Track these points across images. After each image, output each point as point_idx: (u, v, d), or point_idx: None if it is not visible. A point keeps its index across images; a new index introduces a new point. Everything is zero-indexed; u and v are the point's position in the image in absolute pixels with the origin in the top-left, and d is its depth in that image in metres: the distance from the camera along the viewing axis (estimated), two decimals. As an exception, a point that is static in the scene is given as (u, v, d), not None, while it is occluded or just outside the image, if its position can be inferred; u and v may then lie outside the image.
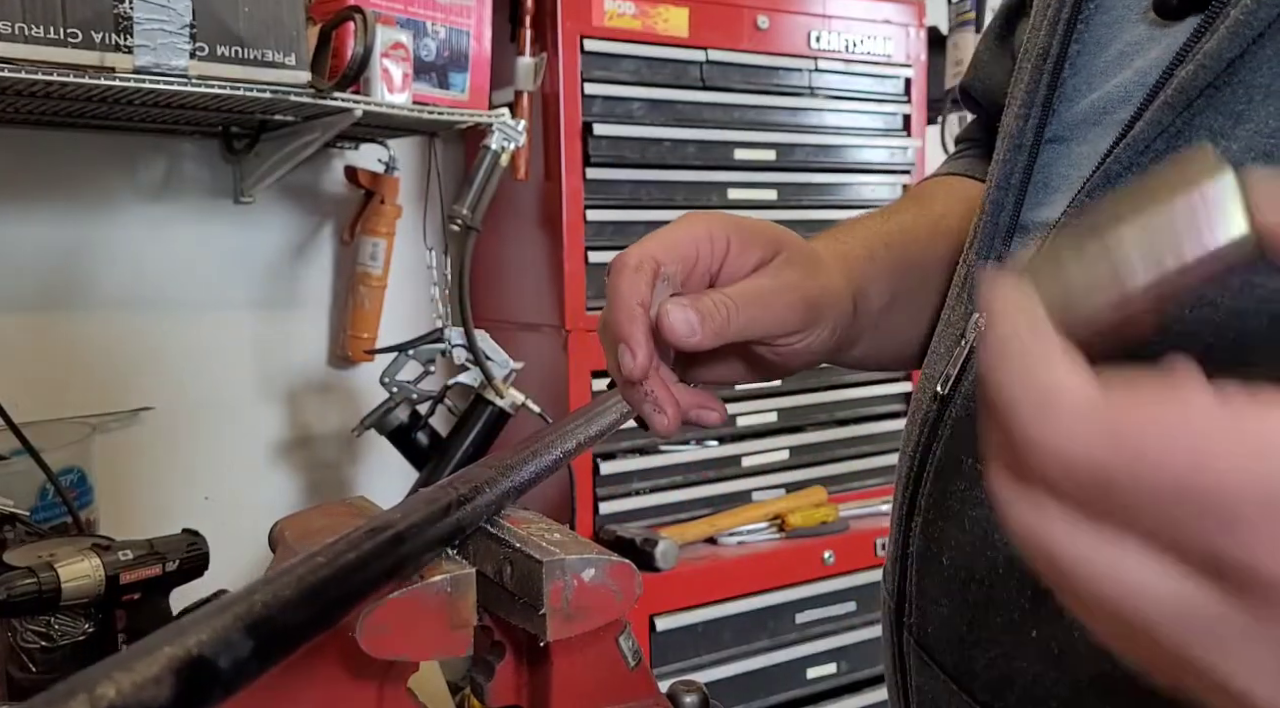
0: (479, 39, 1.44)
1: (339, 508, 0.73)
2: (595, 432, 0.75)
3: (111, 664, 0.30)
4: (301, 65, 1.20)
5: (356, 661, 0.52)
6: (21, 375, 1.46)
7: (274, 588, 0.38)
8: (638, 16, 1.58)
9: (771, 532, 1.71)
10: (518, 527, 0.61)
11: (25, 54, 1.02)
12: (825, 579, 1.71)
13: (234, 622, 0.35)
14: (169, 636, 0.32)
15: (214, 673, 0.33)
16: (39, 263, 1.49)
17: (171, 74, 1.11)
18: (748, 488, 1.75)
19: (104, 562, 0.90)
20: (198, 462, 1.62)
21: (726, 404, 0.59)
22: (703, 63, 1.65)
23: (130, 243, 1.55)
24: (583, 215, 1.57)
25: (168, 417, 1.59)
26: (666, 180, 1.64)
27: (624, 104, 1.60)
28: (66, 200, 1.50)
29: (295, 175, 1.60)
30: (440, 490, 0.56)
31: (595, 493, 1.61)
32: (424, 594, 0.51)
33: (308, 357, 1.72)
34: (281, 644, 0.37)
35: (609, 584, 0.58)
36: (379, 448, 1.61)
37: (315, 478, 1.73)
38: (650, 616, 1.55)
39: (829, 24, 1.77)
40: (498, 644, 0.64)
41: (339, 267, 1.73)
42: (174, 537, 0.98)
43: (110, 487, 1.41)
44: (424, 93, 1.38)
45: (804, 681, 1.70)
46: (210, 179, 1.60)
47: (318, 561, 0.42)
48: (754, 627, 1.65)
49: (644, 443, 1.66)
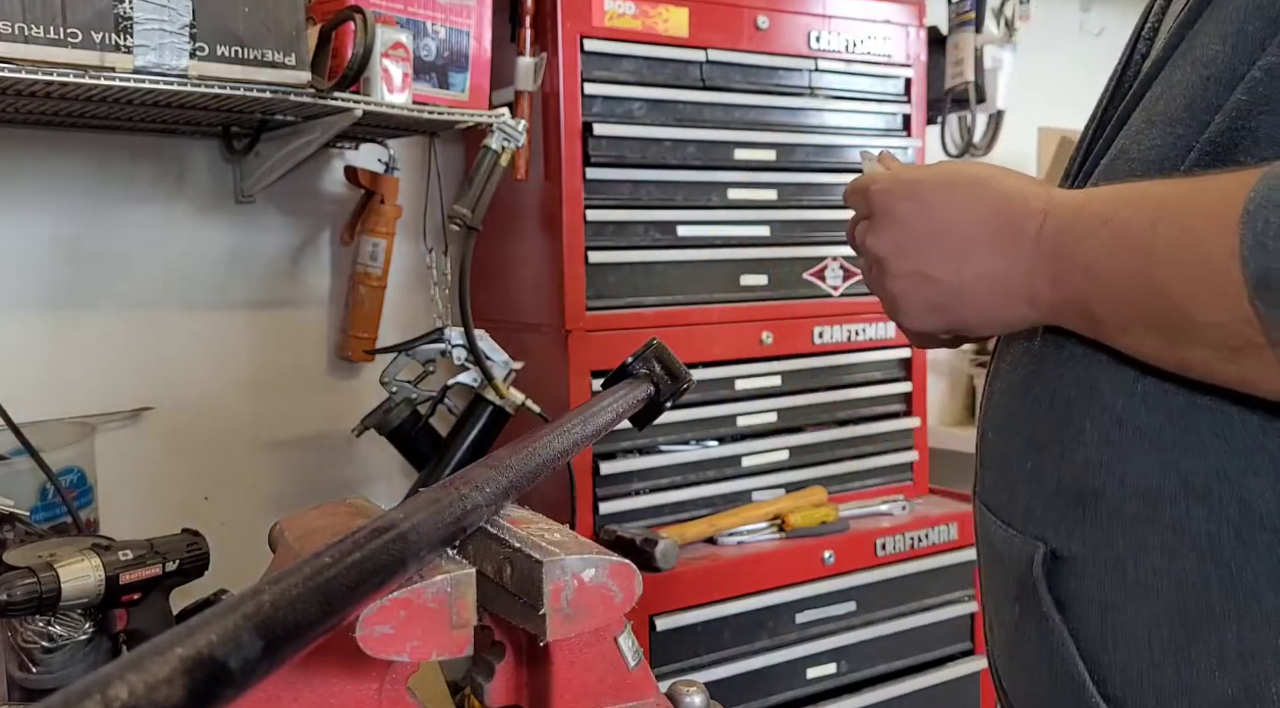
0: (479, 39, 1.44)
1: (339, 508, 0.73)
2: (593, 430, 0.75)
3: (123, 665, 0.30)
4: (301, 65, 1.20)
5: (356, 661, 0.52)
6: (21, 375, 1.46)
7: (282, 588, 0.38)
8: (638, 16, 1.58)
9: (771, 532, 1.71)
10: (518, 527, 0.61)
11: (25, 54, 1.03)
12: (825, 579, 1.71)
13: (243, 622, 0.35)
14: (179, 636, 0.33)
15: (225, 673, 0.33)
16: (40, 263, 1.49)
17: (171, 74, 1.11)
18: (748, 488, 1.75)
19: (104, 562, 0.90)
20: (198, 462, 1.62)
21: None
22: (703, 63, 1.65)
23: (130, 243, 1.55)
24: (583, 215, 1.57)
25: (168, 417, 1.59)
26: (666, 180, 1.64)
27: (624, 104, 1.60)
28: (66, 200, 1.50)
29: (295, 175, 1.60)
30: (441, 491, 0.56)
31: (595, 493, 1.61)
32: (424, 594, 0.51)
33: (308, 357, 1.72)
34: (290, 644, 0.37)
35: (609, 584, 0.58)
36: (379, 448, 1.61)
37: (315, 478, 1.73)
38: (650, 616, 1.55)
39: (829, 24, 1.77)
40: (498, 644, 0.65)
41: (339, 267, 1.73)
42: (174, 537, 0.99)
43: (110, 487, 1.41)
44: (424, 93, 1.39)
45: (804, 681, 1.70)
46: (210, 179, 1.60)
47: (324, 560, 0.42)
48: (754, 627, 1.65)
49: (644, 443, 1.66)
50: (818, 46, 1.76)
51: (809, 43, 1.75)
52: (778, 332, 1.73)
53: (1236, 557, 0.57)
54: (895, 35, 1.84)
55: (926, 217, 0.67)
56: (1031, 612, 0.66)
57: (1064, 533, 0.65)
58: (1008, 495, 0.71)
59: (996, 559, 0.72)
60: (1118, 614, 0.62)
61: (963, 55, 2.15)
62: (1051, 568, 0.65)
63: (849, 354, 1.82)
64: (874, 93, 1.84)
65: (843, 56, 1.79)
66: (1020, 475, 0.69)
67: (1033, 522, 0.68)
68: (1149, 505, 0.60)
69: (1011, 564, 0.68)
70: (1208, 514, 0.58)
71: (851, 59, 1.80)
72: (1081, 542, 0.64)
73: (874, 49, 1.82)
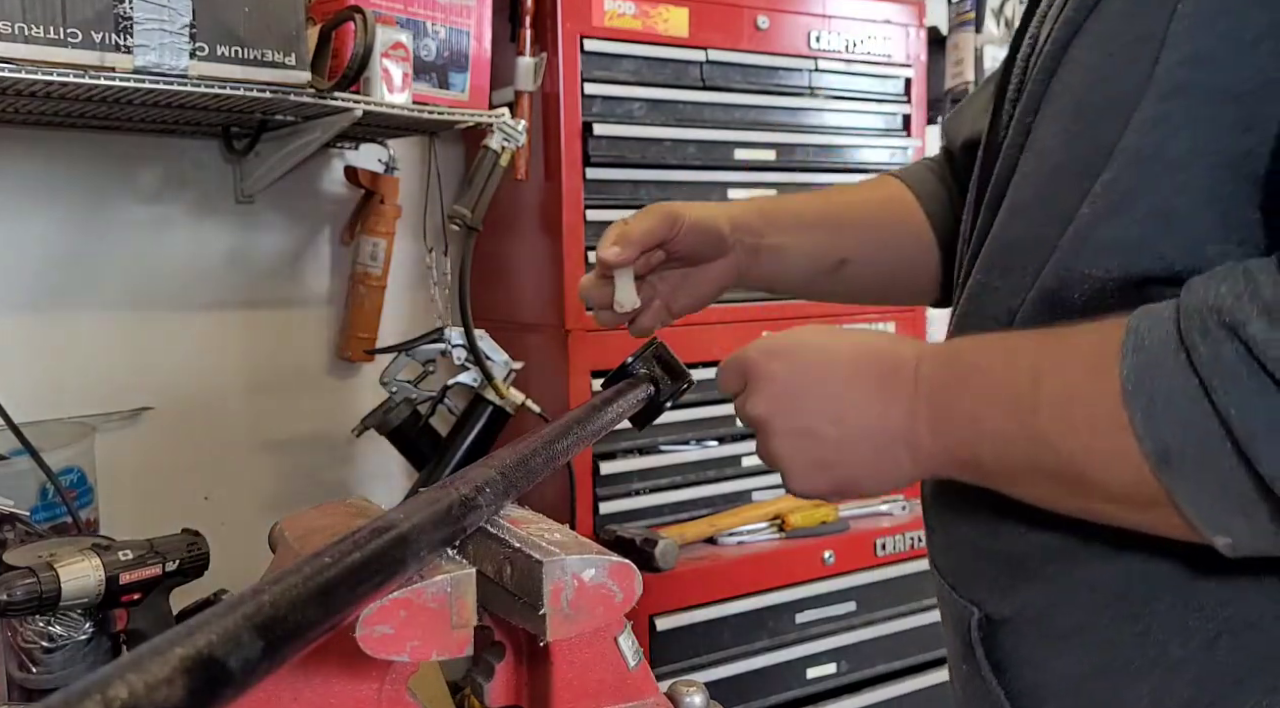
0: (479, 39, 1.44)
1: (339, 508, 0.73)
2: (593, 431, 0.75)
3: (124, 665, 0.30)
4: (301, 65, 1.20)
5: (356, 661, 0.52)
6: (21, 375, 1.46)
7: (282, 588, 0.38)
8: (638, 16, 1.58)
9: (771, 532, 1.71)
10: (518, 527, 0.61)
11: (25, 54, 1.02)
12: (825, 579, 1.71)
13: (243, 622, 0.35)
14: (179, 636, 0.33)
15: (225, 673, 0.33)
16: (39, 263, 1.49)
17: (171, 74, 1.11)
18: (748, 488, 1.75)
19: (104, 562, 0.90)
20: (198, 462, 1.62)
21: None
22: (703, 63, 1.65)
23: (130, 243, 1.55)
24: (583, 215, 1.57)
25: (168, 417, 1.59)
26: (666, 180, 1.64)
27: (624, 104, 1.60)
28: (67, 200, 1.50)
29: (295, 175, 1.60)
30: (441, 491, 0.56)
31: (595, 493, 1.61)
32: (424, 594, 0.51)
33: (308, 357, 1.72)
34: (290, 644, 0.37)
35: (609, 584, 0.58)
36: (379, 448, 1.61)
37: (315, 478, 1.73)
38: (650, 616, 1.55)
39: (829, 24, 1.77)
40: (498, 644, 0.65)
41: (339, 267, 1.73)
42: (174, 537, 0.99)
43: (110, 487, 1.41)
44: (424, 93, 1.39)
45: (804, 681, 1.70)
46: (210, 179, 1.60)
47: (324, 561, 0.42)
48: (754, 627, 1.65)
49: (644, 443, 1.66)
50: (818, 46, 1.76)
51: (809, 43, 1.75)
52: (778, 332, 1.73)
53: (1145, 612, 0.59)
54: (895, 35, 1.84)
55: (801, 372, 0.66)
56: (973, 672, 0.69)
57: (996, 596, 0.67)
58: (949, 558, 0.73)
59: (946, 619, 0.74)
60: (1047, 672, 0.64)
61: (963, 55, 2.15)
62: (987, 631, 0.67)
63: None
64: (874, 93, 1.84)
65: (843, 56, 1.79)
66: (956, 540, 0.71)
67: (968, 585, 0.69)
68: (1065, 567, 0.62)
69: (956, 625, 0.71)
70: (1115, 573, 0.60)
71: (851, 59, 1.80)
72: (1010, 605, 0.66)
73: (874, 49, 1.82)
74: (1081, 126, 0.59)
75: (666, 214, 0.85)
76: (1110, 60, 0.58)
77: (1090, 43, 0.60)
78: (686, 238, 0.85)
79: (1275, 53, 0.51)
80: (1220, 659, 0.57)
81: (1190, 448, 0.48)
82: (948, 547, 0.73)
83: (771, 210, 0.92)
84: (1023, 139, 0.65)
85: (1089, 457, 0.52)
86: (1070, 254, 0.59)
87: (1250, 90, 0.52)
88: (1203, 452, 0.48)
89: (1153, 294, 0.54)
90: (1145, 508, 0.52)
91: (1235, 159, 0.53)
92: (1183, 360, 0.48)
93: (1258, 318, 0.46)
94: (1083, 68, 0.60)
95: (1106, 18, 0.59)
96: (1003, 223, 0.66)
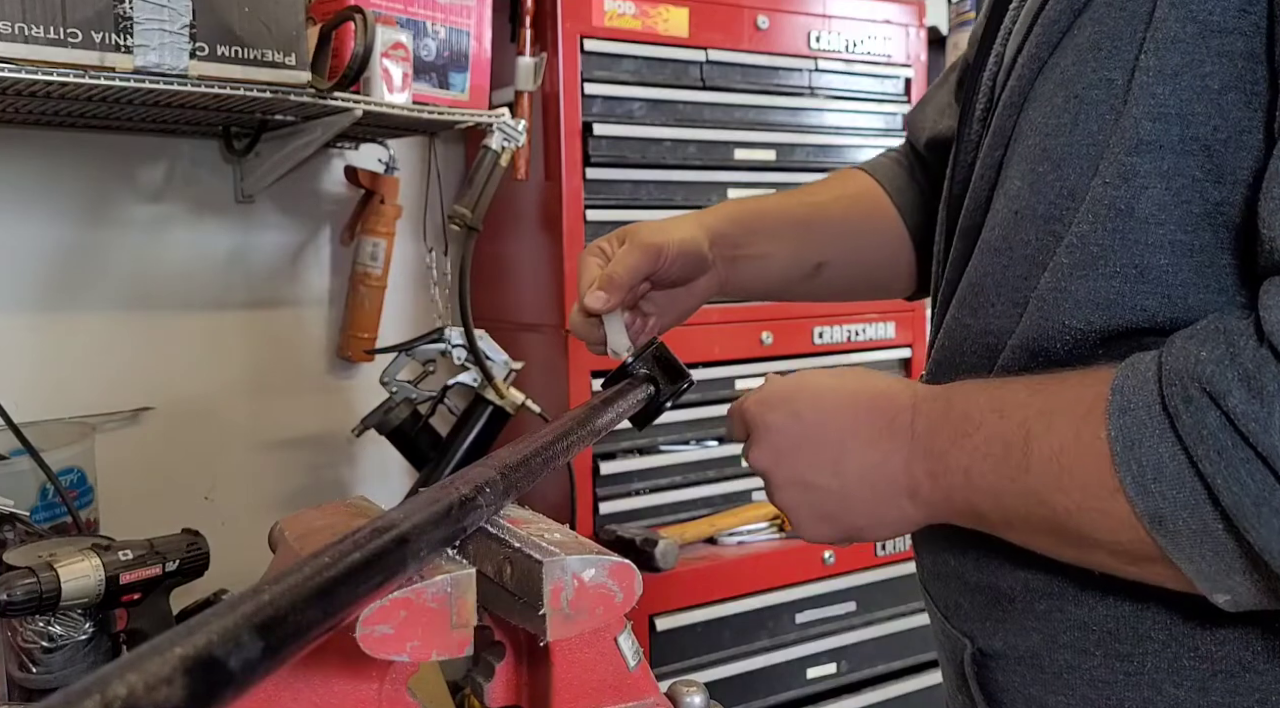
0: (479, 39, 1.44)
1: (339, 508, 0.73)
2: (593, 430, 0.75)
3: (123, 665, 0.30)
4: (301, 65, 1.20)
5: (356, 661, 0.52)
6: (21, 375, 1.46)
7: (282, 588, 0.38)
8: (638, 16, 1.58)
9: (771, 532, 1.71)
10: (518, 527, 0.61)
11: (25, 54, 1.02)
12: (825, 579, 1.71)
13: (243, 622, 0.35)
14: (179, 636, 0.33)
15: (225, 673, 0.33)
16: (39, 263, 1.49)
17: (171, 74, 1.11)
18: (748, 488, 1.75)
19: (104, 562, 0.90)
20: (198, 462, 1.62)
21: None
22: (703, 63, 1.66)
23: (130, 243, 1.55)
24: (583, 215, 1.57)
25: (168, 417, 1.59)
26: (666, 180, 1.64)
27: (624, 104, 1.60)
28: (66, 200, 1.50)
29: (295, 175, 1.60)
30: (441, 491, 0.56)
31: (595, 493, 1.61)
32: (424, 594, 0.51)
33: (308, 357, 1.72)
34: (291, 644, 0.37)
35: (609, 584, 0.58)
36: (379, 448, 1.61)
37: (315, 478, 1.73)
38: (650, 616, 1.55)
39: (829, 24, 1.77)
40: (498, 644, 0.65)
41: (339, 267, 1.73)
42: (174, 537, 0.98)
43: (110, 487, 1.41)
44: (424, 93, 1.39)
45: (804, 681, 1.70)
46: (210, 179, 1.60)
47: (324, 561, 0.42)
48: (754, 627, 1.66)
49: (644, 443, 1.66)
50: (817, 46, 1.76)
51: (809, 43, 1.75)
52: (778, 332, 1.73)
53: (1138, 653, 0.59)
54: (895, 35, 1.84)
55: (799, 423, 0.66)
56: (969, 704, 0.69)
57: (987, 631, 0.67)
58: (940, 588, 0.73)
59: (941, 647, 0.75)
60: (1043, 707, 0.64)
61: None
62: (981, 664, 0.68)
63: (849, 354, 1.82)
64: (874, 93, 1.84)
65: (842, 56, 1.79)
66: (948, 573, 0.71)
67: (961, 618, 0.70)
68: (1056, 605, 0.62)
69: (951, 656, 0.71)
70: (1106, 612, 0.60)
71: (851, 59, 1.80)
72: (1002, 640, 0.66)
73: (874, 49, 1.82)
74: (1047, 169, 0.59)
75: (648, 248, 0.81)
76: (1075, 102, 0.58)
77: (1057, 79, 0.60)
78: (671, 267, 0.83)
79: (1241, 103, 0.52)
80: (1215, 701, 0.57)
81: (1183, 514, 0.48)
82: (936, 575, 0.73)
83: (745, 218, 0.90)
84: (994, 175, 0.65)
85: (1084, 515, 0.53)
86: (1051, 305, 0.59)
87: (1223, 140, 0.52)
88: (1195, 517, 0.48)
89: (1137, 343, 0.55)
90: (1146, 563, 0.52)
91: (1209, 211, 0.53)
92: (1167, 427, 0.48)
93: (1237, 387, 0.46)
94: (1048, 107, 0.60)
95: (1073, 50, 0.59)
96: (975, 264, 0.66)
